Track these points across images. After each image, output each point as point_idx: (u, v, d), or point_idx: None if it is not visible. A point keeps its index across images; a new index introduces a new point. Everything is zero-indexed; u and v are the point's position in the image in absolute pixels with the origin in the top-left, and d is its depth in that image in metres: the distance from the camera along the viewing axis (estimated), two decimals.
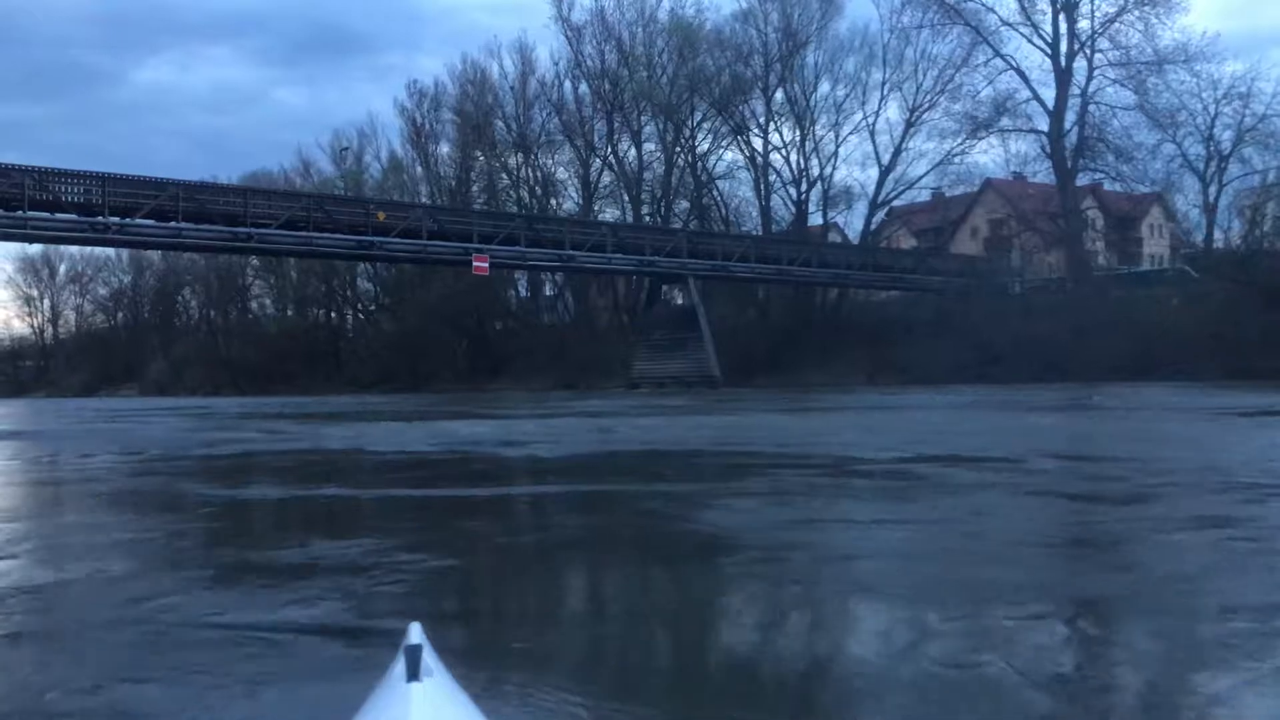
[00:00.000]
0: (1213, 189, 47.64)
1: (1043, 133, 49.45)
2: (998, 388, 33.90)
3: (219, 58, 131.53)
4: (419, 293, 65.18)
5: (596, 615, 4.08)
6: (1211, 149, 47.34)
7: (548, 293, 70.26)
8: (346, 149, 72.68)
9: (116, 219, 34.67)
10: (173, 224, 35.77)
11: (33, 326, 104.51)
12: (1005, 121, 50.16)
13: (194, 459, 12.29)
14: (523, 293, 70.60)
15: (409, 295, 67.80)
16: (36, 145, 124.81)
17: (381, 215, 39.89)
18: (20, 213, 33.04)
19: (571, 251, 43.52)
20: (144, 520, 6.76)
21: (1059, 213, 54.26)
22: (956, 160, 53.65)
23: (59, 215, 34.10)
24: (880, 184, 56.34)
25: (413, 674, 1.44)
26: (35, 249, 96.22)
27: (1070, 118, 49.05)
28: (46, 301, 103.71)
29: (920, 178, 56.28)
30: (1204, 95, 46.54)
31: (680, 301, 51.29)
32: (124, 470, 10.72)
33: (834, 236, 60.50)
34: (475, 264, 41.09)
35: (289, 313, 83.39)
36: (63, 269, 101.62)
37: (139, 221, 35.29)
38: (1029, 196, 58.05)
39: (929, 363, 43.58)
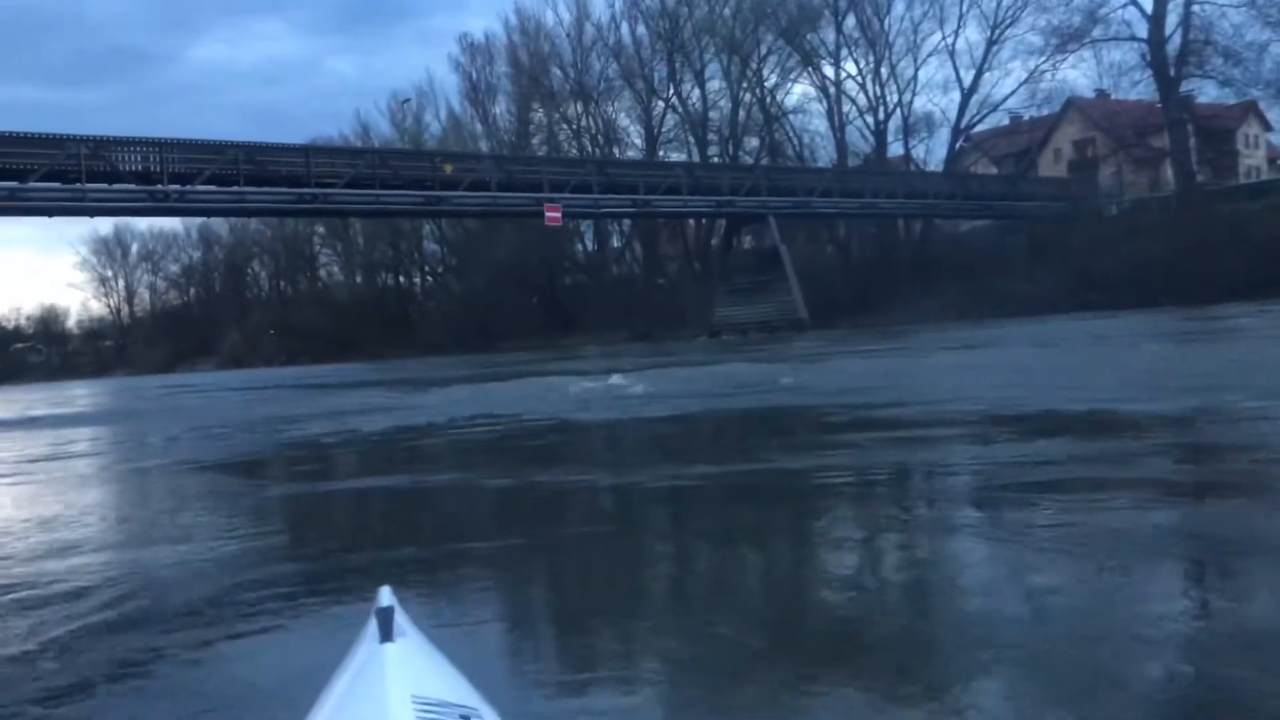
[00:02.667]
0: None
1: (1142, 40, 45.31)
2: (1105, 315, 30.95)
3: (269, 31, 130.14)
4: (486, 252, 62.93)
5: None
6: None
7: (615, 244, 67.95)
8: (407, 101, 70.38)
9: (176, 186, 32.53)
10: (234, 188, 33.54)
11: (109, 306, 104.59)
12: (1098, 31, 46.03)
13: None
14: (590, 245, 68.30)
15: (476, 255, 65.54)
16: (93, 129, 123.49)
17: (449, 168, 37.36)
18: (78, 185, 30.98)
19: (646, 196, 40.68)
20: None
21: (1150, 128, 50.45)
22: (1044, 77, 49.63)
23: (117, 185, 31.98)
24: (962, 108, 52.87)
25: (386, 635, 1.43)
26: (106, 228, 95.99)
27: (1171, 21, 44.84)
28: (121, 281, 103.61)
29: (1005, 98, 52.61)
30: None
31: (755, 243, 48.32)
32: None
33: (912, 167, 56.90)
34: (547, 214, 38.50)
35: (357, 279, 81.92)
36: (134, 248, 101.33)
37: (199, 188, 33.11)
38: (1115, 113, 54.15)
39: (1026, 294, 40.83)
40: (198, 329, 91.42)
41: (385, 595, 1.62)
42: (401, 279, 79.75)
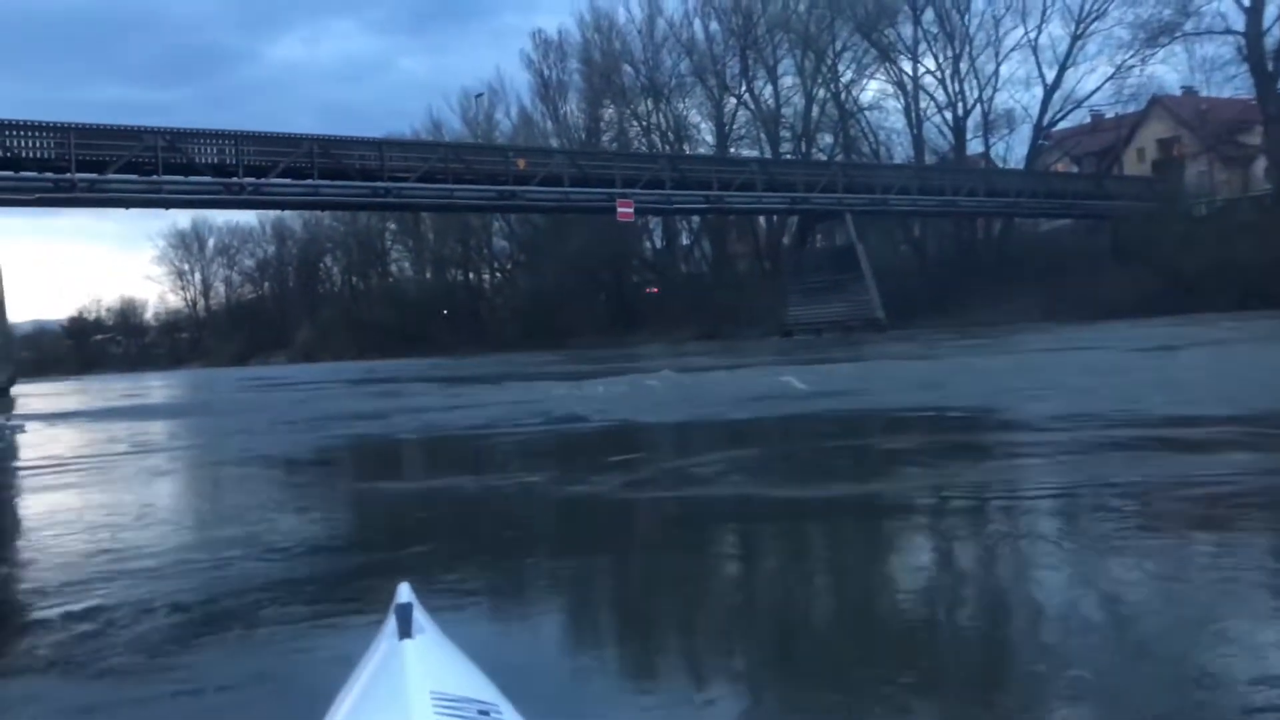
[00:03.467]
0: None
1: (1239, 33, 43.27)
2: (1197, 319, 29.43)
3: (345, 30, 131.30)
4: (555, 248, 62.44)
5: None
6: None
7: (684, 241, 67.10)
8: (480, 94, 70.02)
9: (251, 179, 32.33)
10: (308, 181, 33.26)
11: (185, 299, 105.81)
12: (1190, 25, 44.10)
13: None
14: (658, 243, 67.49)
15: (545, 251, 65.13)
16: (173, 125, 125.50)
17: (522, 163, 36.77)
18: (154, 177, 30.87)
19: (719, 192, 39.74)
20: None
21: (1240, 126, 48.32)
22: (1132, 73, 47.72)
23: (193, 178, 31.84)
24: (1045, 105, 51.15)
25: (404, 632, 1.43)
26: (184, 222, 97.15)
27: (1271, 13, 42.77)
28: (197, 275, 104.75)
29: (1090, 95, 50.77)
30: None
31: (828, 241, 47.11)
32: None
33: (991, 165, 55.24)
34: (619, 209, 37.77)
35: (428, 274, 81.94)
36: (211, 242, 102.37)
37: (274, 180, 32.86)
38: (1203, 111, 52.04)
39: (1111, 296, 39.31)
40: (271, 322, 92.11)
41: (404, 592, 1.59)
42: (471, 275, 79.57)
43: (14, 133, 29.04)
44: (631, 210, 38.19)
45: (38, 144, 29.43)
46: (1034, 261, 46.09)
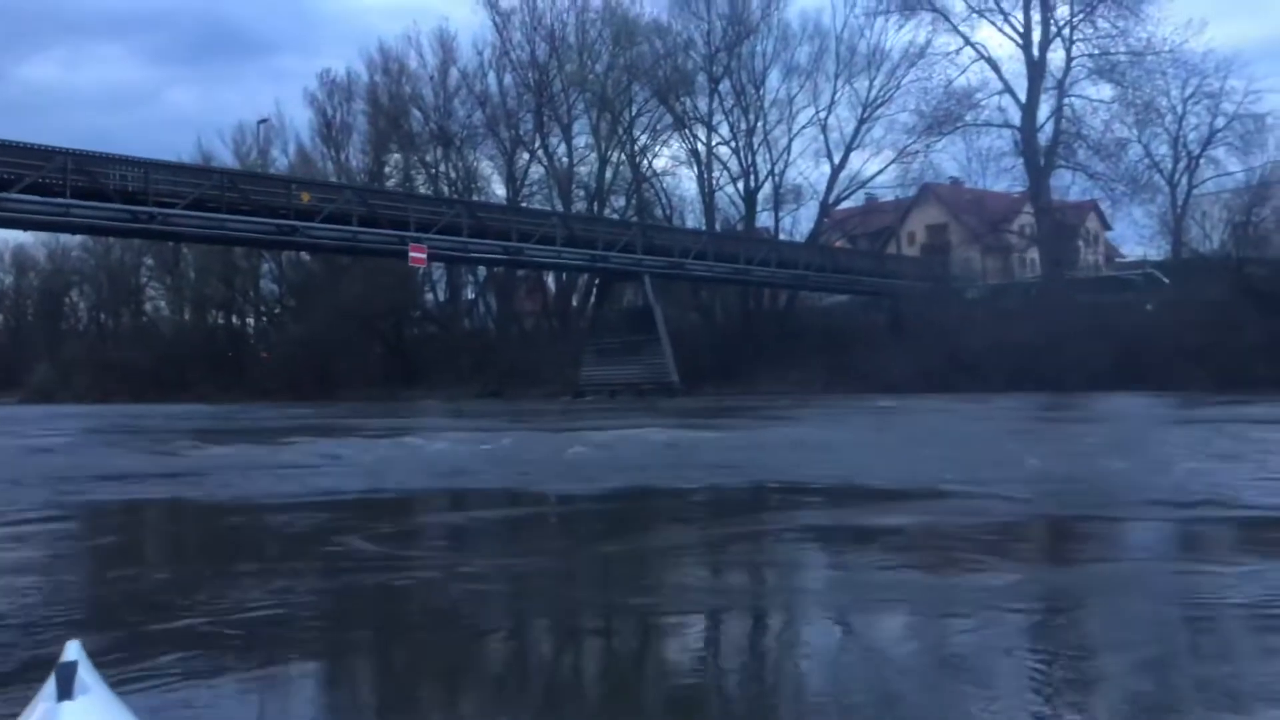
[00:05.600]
0: (1180, 192, 43.97)
1: (1015, 128, 44.91)
2: (973, 397, 29.76)
3: (109, 55, 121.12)
4: (328, 294, 58.31)
5: None
6: (1180, 150, 43.73)
7: (469, 295, 64.29)
8: (265, 120, 65.23)
9: None
10: (59, 200, 28.75)
11: None
12: (970, 116, 45.54)
13: None
14: (441, 294, 64.42)
15: (317, 297, 60.79)
16: None
17: (306, 196, 33.38)
18: None
19: (519, 244, 37.49)
20: None
21: (1003, 216, 50.49)
22: (916, 157, 48.95)
23: None
24: (831, 183, 51.70)
25: (65, 693, 1.31)
26: None
27: (1044, 111, 44.75)
28: None
29: (874, 176, 51.74)
30: (1171, 95, 42.94)
31: (623, 302, 45.60)
32: None
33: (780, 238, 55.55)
34: (412, 254, 34.86)
35: (186, 315, 75.46)
36: None
37: (16, 196, 28.22)
38: (969, 201, 54.26)
39: (891, 371, 39.52)
40: (4, 359, 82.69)
41: (71, 650, 1.46)
42: (235, 318, 73.79)
43: None
44: (424, 256, 35.38)
45: None
46: (817, 332, 46.28)
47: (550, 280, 57.31)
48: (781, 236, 52.86)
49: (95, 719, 1.29)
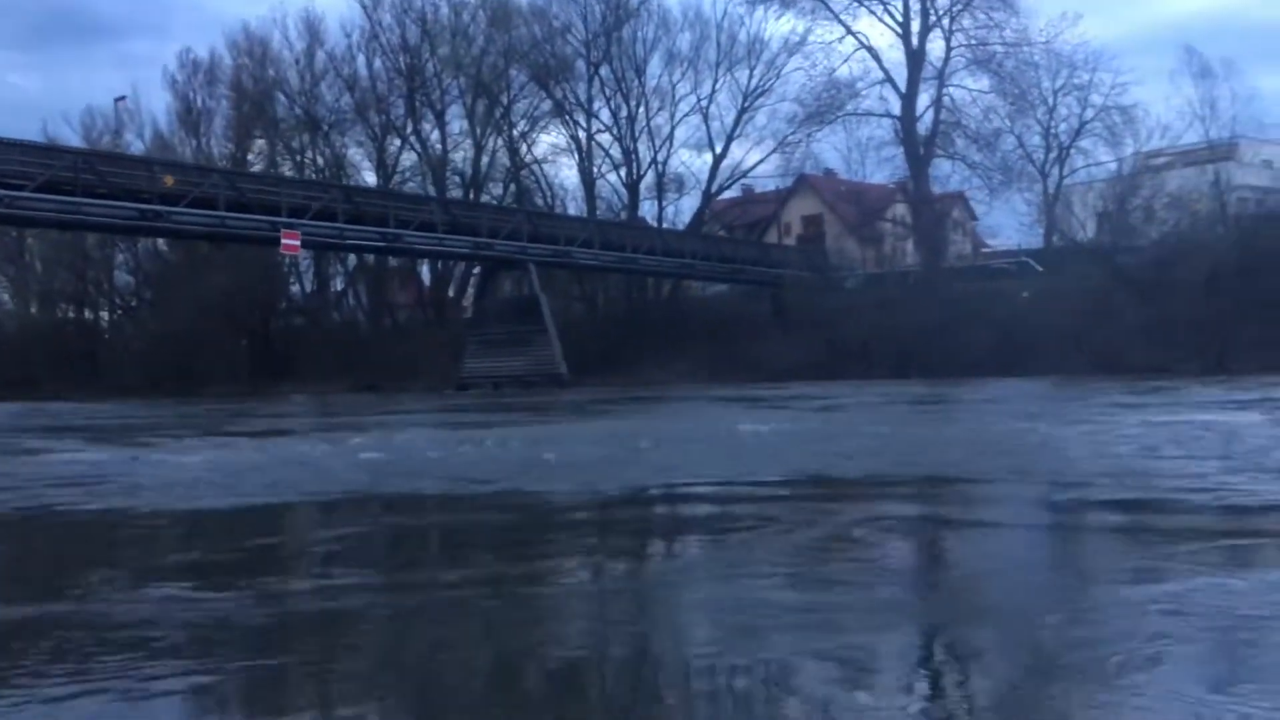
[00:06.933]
0: (1051, 181, 44.74)
1: (895, 117, 45.01)
2: (859, 384, 29.76)
3: None
4: (188, 286, 55.03)
5: None
6: (1051, 140, 44.47)
7: (338, 286, 61.57)
8: (122, 98, 61.08)
9: None
10: None
11: None
12: (851, 106, 45.47)
13: None
14: (308, 285, 61.48)
15: (177, 289, 57.34)
16: None
17: (170, 180, 30.91)
18: None
19: (398, 230, 35.61)
20: None
21: (877, 206, 50.78)
22: (797, 147, 48.71)
23: None
24: (713, 173, 51.11)
25: None
26: None
27: (923, 101, 44.96)
28: None
29: (755, 165, 51.35)
30: (1044, 86, 43.65)
31: (506, 292, 44.09)
32: None
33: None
34: (284, 241, 32.73)
35: (32, 309, 70.34)
36: None
37: None
38: (843, 192, 54.56)
39: (775, 358, 39.43)
40: None
41: None
42: (87, 312, 69.18)
43: None
44: (298, 243, 33.25)
45: None
46: (700, 323, 45.73)
47: (426, 270, 55.34)
48: (664, 226, 52.14)
49: None
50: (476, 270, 50.55)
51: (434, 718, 2.96)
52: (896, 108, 44.99)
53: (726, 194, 54.87)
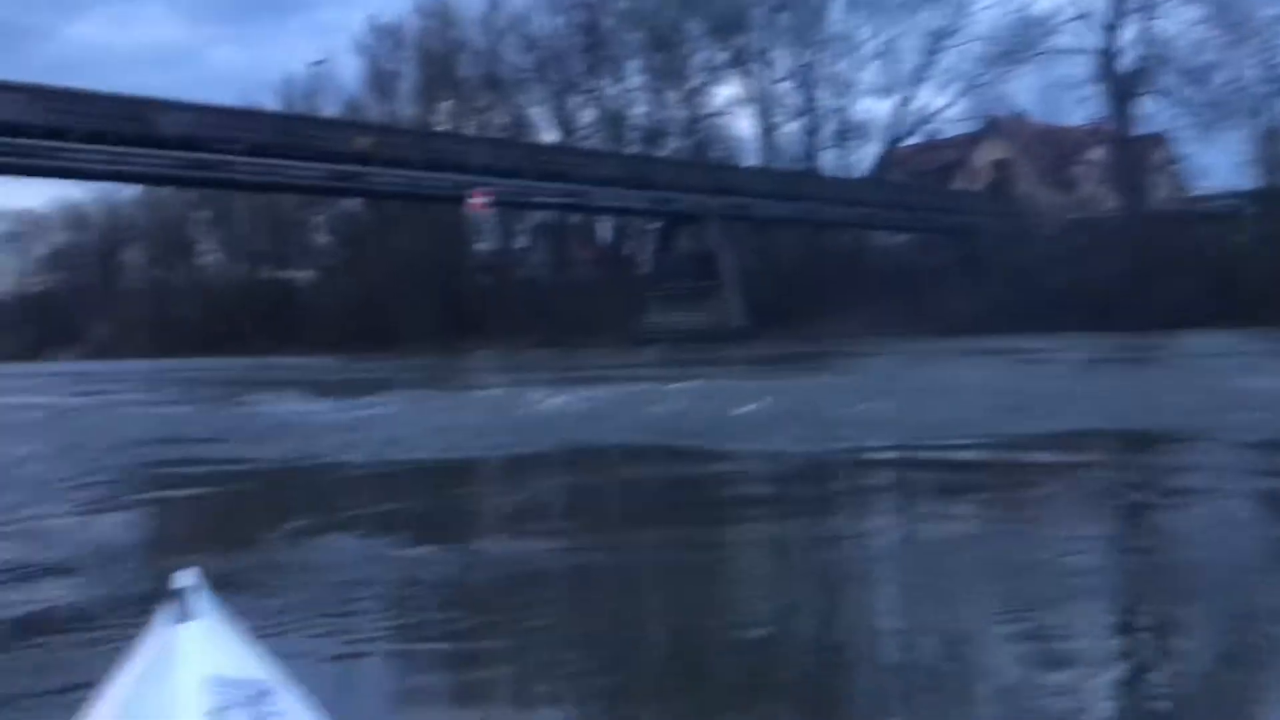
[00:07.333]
0: (1269, 118, 41.14)
1: (1095, 52, 42.31)
2: (1060, 338, 27.97)
3: (153, 15, 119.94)
4: (380, 246, 57.15)
5: None
6: (1269, 73, 40.83)
7: (520, 244, 62.72)
8: (321, 61, 63.64)
9: (46, 142, 26.45)
10: (114, 148, 27.51)
11: None
12: (1045, 44, 42.93)
13: None
14: (492, 245, 62.84)
15: (370, 249, 59.66)
16: None
17: (365, 140, 31.88)
18: None
19: (582, 187, 35.81)
20: None
21: (1072, 149, 47.95)
22: (987, 89, 46.43)
23: None
24: (897, 119, 49.37)
25: (183, 616, 1.35)
26: None
27: (1126, 36, 42.03)
28: None
29: (941, 109, 49.28)
30: (1260, 15, 40.05)
31: (686, 246, 43.81)
32: None
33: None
34: (473, 200, 33.41)
35: (240, 269, 74.55)
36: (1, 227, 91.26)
37: (73, 145, 27.00)
38: (1037, 134, 51.73)
39: (963, 310, 37.93)
40: (63, 316, 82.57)
41: (185, 576, 1.46)
42: (287, 271, 72.85)
43: None
44: (486, 201, 33.82)
45: None
46: (885, 275, 44.41)
47: (605, 227, 55.69)
48: (845, 175, 50.67)
49: (211, 639, 1.31)
50: (656, 225, 50.60)
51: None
52: (1095, 43, 42.17)
53: (910, 140, 52.97)
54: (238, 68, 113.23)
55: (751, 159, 51.95)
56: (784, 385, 13.63)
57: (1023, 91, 53.42)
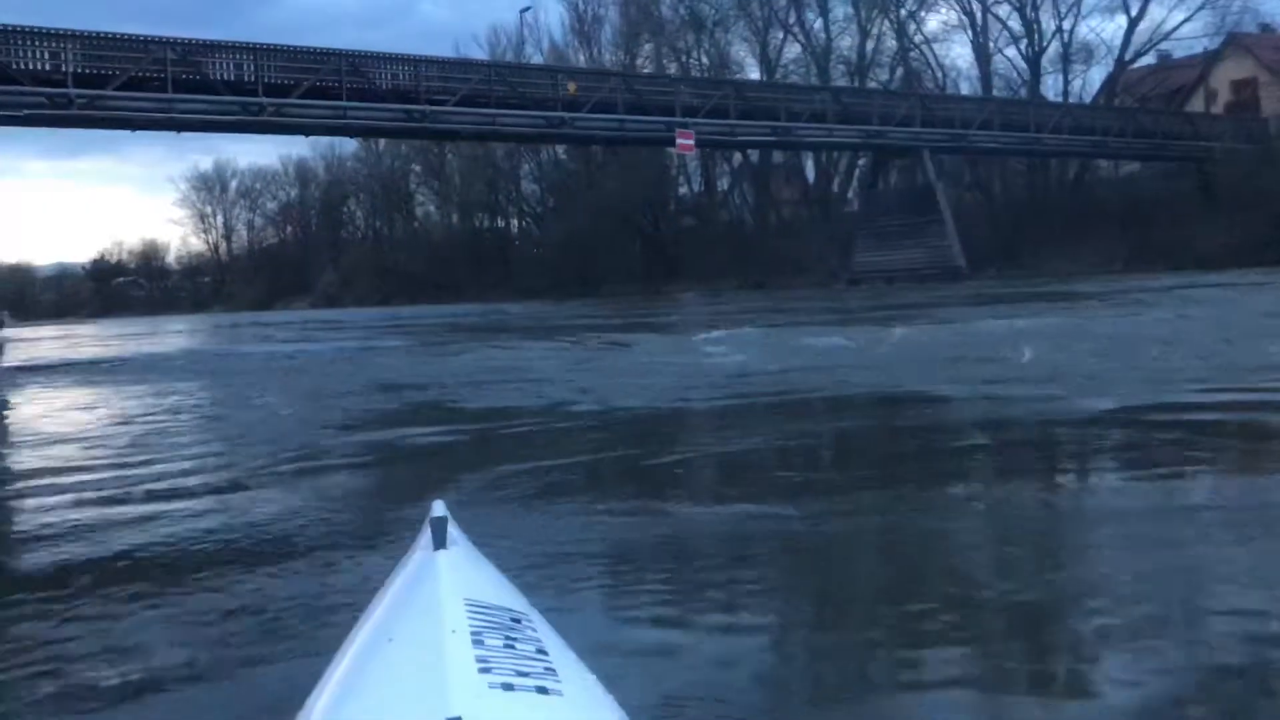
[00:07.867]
0: None
1: None
2: None
3: None
4: (586, 192, 57.77)
5: None
6: None
7: (723, 186, 62.16)
8: (528, 8, 64.77)
9: (272, 99, 27.68)
10: (336, 103, 28.55)
11: (207, 243, 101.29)
12: None
13: None
14: (696, 185, 62.59)
15: (576, 196, 60.44)
16: None
17: (572, 87, 31.95)
18: (165, 95, 26.25)
19: (788, 124, 34.90)
20: None
21: None
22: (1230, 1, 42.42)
23: (207, 97, 27.17)
24: (1128, 37, 45.83)
25: (439, 543, 1.45)
26: (206, 164, 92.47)
27: None
28: (219, 218, 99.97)
29: (1177, 26, 45.46)
30: None
31: (899, 181, 42.24)
32: None
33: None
34: (679, 141, 33.03)
35: (454, 219, 77.18)
36: (233, 185, 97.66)
37: (297, 101, 28.18)
38: None
39: (1204, 243, 35.11)
40: (293, 267, 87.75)
41: (439, 507, 1.61)
42: (499, 220, 74.85)
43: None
44: (692, 142, 33.44)
45: (32, 54, 24.98)
46: (1112, 207, 41.58)
47: (809, 165, 54.37)
48: (1070, 101, 47.52)
49: (466, 566, 1.41)
50: (861, 162, 48.92)
51: None
52: None
53: (1141, 61, 49.11)
54: (445, 21, 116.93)
55: (967, 88, 49.50)
56: (1058, 324, 12.62)
57: (1270, 3, 48.49)
